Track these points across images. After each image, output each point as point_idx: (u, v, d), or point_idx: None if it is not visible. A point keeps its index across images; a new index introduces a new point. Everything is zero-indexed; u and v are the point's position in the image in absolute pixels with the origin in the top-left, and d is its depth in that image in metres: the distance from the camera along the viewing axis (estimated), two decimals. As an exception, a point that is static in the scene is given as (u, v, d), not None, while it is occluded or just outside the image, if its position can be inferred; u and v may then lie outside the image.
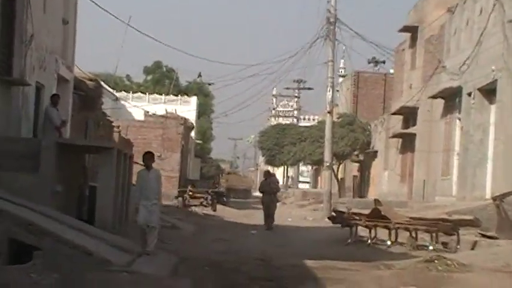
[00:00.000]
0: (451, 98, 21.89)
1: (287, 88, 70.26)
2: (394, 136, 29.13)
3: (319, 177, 63.41)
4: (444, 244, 15.30)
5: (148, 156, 11.94)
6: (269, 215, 21.33)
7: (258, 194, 31.82)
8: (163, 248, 13.12)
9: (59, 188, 12.59)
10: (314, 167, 60.26)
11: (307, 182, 70.41)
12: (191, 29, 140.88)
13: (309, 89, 68.15)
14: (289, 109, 74.73)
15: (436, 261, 11.16)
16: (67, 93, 19.73)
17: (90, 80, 23.77)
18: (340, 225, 16.36)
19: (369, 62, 50.27)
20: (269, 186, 21.47)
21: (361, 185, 43.30)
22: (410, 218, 15.34)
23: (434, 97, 22.91)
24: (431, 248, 14.61)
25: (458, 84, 20.51)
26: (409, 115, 27.95)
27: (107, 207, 12.47)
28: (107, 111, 34.31)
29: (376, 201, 15.37)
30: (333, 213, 16.59)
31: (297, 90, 70.78)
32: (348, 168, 46.11)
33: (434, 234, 14.65)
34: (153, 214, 11.61)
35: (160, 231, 16.26)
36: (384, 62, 49.67)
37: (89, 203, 14.50)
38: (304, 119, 72.04)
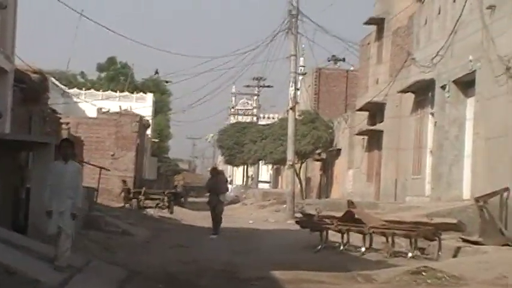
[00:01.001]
0: (422, 92, 20.60)
1: (247, 86, 68.77)
2: (360, 134, 27.82)
3: (279, 177, 62.01)
4: (421, 250, 13.92)
5: (65, 145, 9.49)
6: (215, 218, 19.35)
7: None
8: (109, 260, 11.46)
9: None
10: (275, 167, 58.85)
11: (268, 182, 68.95)
12: (146, 24, 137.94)
13: (269, 86, 66.83)
14: (249, 107, 73.17)
15: (424, 273, 9.73)
16: (5, 85, 17.86)
17: (35, 72, 21.90)
18: (308, 229, 14.86)
19: (329, 60, 49.01)
20: (216, 185, 19.40)
21: (324, 184, 41.98)
22: (387, 221, 13.92)
23: (403, 91, 21.60)
24: (410, 255, 13.21)
25: (430, 77, 19.20)
26: (375, 111, 26.65)
27: (41, 212, 10.73)
28: (57, 108, 32.33)
29: (349, 202, 13.93)
30: (301, 216, 15.05)
31: (256, 88, 69.26)
32: (309, 167, 44.77)
33: (413, 240, 13.24)
34: (66, 216, 9.08)
35: (107, 239, 14.60)
36: (343, 60, 48.57)
37: (27, 208, 12.73)
38: (264, 117, 70.49)
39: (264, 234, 20.73)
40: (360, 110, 27.62)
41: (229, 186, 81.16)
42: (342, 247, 14.32)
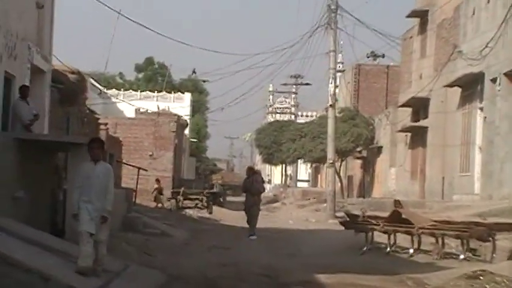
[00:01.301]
0: (470, 86, 19.79)
1: (284, 84, 68.09)
2: (403, 130, 27.02)
3: (318, 176, 61.34)
4: (473, 251, 13.21)
5: (95, 145, 8.69)
6: (252, 219, 18.57)
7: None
8: (147, 264, 11.00)
9: (21, 194, 10.47)
10: (314, 165, 58.18)
11: (306, 181, 68.30)
12: (183, 24, 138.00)
13: (307, 84, 66.04)
14: (287, 106, 72.58)
15: (481, 277, 9.06)
16: (43, 85, 17.58)
17: (72, 73, 21.66)
18: (353, 230, 14.23)
19: (368, 56, 48.21)
20: (252, 185, 18.62)
21: (365, 183, 41.21)
22: (436, 221, 13.23)
23: (450, 86, 20.80)
24: (462, 256, 12.51)
25: (479, 70, 18.39)
26: (419, 107, 25.86)
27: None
28: (95, 109, 32.21)
29: (396, 202, 13.27)
30: (345, 217, 14.43)
31: (294, 86, 68.60)
32: (349, 165, 44.04)
33: (465, 241, 12.53)
34: (99, 224, 8.49)
35: (146, 241, 14.18)
36: (383, 56, 47.67)
37: (64, 210, 12.36)
38: (302, 115, 69.84)
39: (305, 235, 20.14)
40: (403, 106, 26.84)
41: (267, 185, 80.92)
42: (388, 248, 13.67)
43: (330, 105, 30.10)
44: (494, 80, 17.40)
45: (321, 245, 15.66)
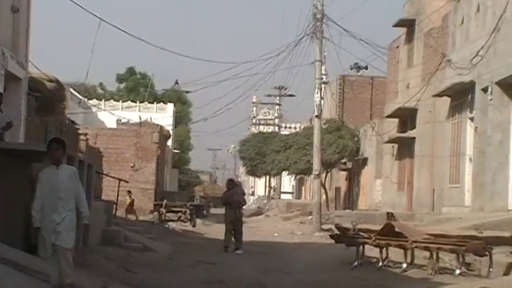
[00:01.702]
0: (459, 96, 19.35)
1: (268, 95, 67.51)
2: (390, 141, 26.56)
3: (303, 187, 60.80)
4: (467, 265, 12.68)
5: (55, 146, 7.60)
6: (235, 234, 17.86)
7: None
8: (128, 281, 10.37)
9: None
10: (298, 177, 57.64)
11: (290, 193, 67.71)
12: (164, 33, 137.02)
13: (291, 95, 65.54)
14: (270, 117, 72.03)
15: (483, 295, 8.52)
16: (19, 93, 16.97)
17: (51, 81, 21.01)
18: (343, 244, 13.67)
19: (351, 68, 47.93)
20: (233, 197, 17.88)
21: (351, 194, 40.70)
22: (430, 234, 12.69)
23: (438, 95, 20.36)
24: (458, 272, 11.97)
25: (469, 79, 17.95)
26: (406, 117, 25.43)
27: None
28: (76, 119, 31.49)
29: (389, 214, 12.75)
30: (335, 230, 13.87)
31: (278, 98, 68.09)
32: (334, 177, 43.52)
33: (461, 255, 12.00)
34: (63, 229, 7.45)
35: (127, 256, 13.53)
36: (366, 68, 47.43)
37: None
38: (285, 127, 69.34)
39: (292, 248, 19.55)
40: (389, 116, 26.38)
41: (251, 197, 79.90)
42: (380, 263, 13.11)
43: (316, 116, 29.62)
44: (485, 90, 16.97)
45: (310, 260, 15.09)
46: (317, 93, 29.47)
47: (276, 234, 27.78)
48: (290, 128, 67.26)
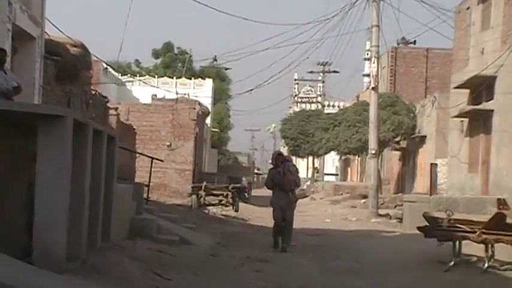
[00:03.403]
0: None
1: (311, 72, 64.20)
2: (460, 115, 23.26)
3: (348, 169, 57.62)
4: None
5: None
6: (287, 226, 13.52)
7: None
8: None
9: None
10: (343, 157, 54.44)
11: (335, 174, 64.56)
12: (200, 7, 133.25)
13: (335, 72, 62.24)
14: (313, 95, 68.71)
15: None
16: (32, 54, 14.21)
17: (74, 45, 18.23)
18: (436, 238, 10.62)
19: (398, 43, 44.41)
20: (284, 177, 13.33)
21: (404, 176, 37.46)
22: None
23: (530, 57, 17.07)
24: None
25: None
26: (479, 88, 22.10)
27: (52, 225, 6.82)
28: (109, 95, 28.82)
29: (500, 202, 9.66)
30: (426, 221, 10.82)
31: (321, 74, 64.69)
32: (385, 157, 40.29)
33: None
34: None
35: (159, 253, 10.66)
36: (414, 42, 44.02)
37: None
38: (329, 105, 66.05)
39: (353, 239, 16.52)
40: (460, 87, 23.06)
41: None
42: (486, 264, 10.06)
43: (372, 88, 26.52)
44: None
45: (384, 256, 12.06)
46: (374, 62, 26.36)
47: (328, 220, 24.91)
48: (334, 106, 64.03)
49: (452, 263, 10.36)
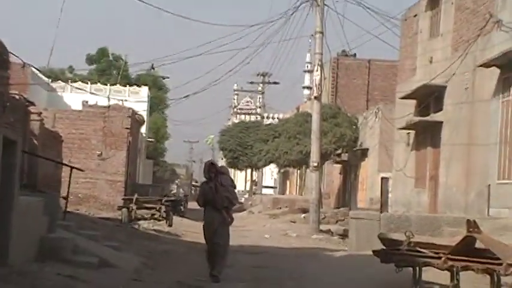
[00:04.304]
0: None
1: (250, 82, 63.14)
2: (407, 127, 22.20)
3: (287, 181, 56.47)
4: None
5: None
6: (219, 251, 11.13)
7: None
8: None
9: None
10: (282, 170, 53.25)
11: (273, 187, 63.37)
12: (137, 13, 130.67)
13: (275, 83, 61.33)
14: (252, 106, 67.55)
15: None
16: None
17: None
18: (393, 263, 9.23)
19: (338, 55, 43.58)
20: (217, 192, 11.04)
21: (345, 191, 36.41)
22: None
23: (486, 65, 16.02)
24: None
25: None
26: (426, 99, 21.09)
27: None
28: (37, 102, 26.77)
29: (470, 223, 8.35)
30: (382, 243, 9.45)
31: (261, 85, 63.61)
32: (326, 170, 39.16)
33: None
34: None
35: (70, 280, 8.97)
36: (355, 55, 43.28)
37: None
38: (268, 117, 64.94)
39: (297, 259, 15.08)
40: (406, 97, 22.02)
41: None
42: (451, 295, 8.72)
43: (315, 97, 25.31)
44: None
45: (337, 285, 10.60)
46: (317, 70, 25.14)
47: (267, 236, 23.50)
48: (273, 118, 62.94)
49: (412, 292, 8.98)
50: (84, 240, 12.38)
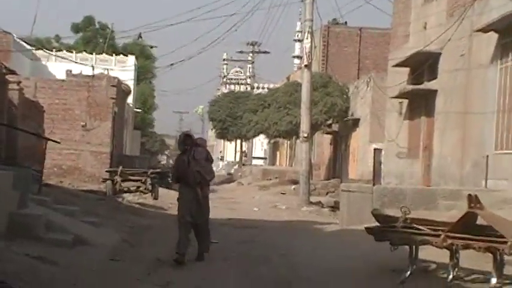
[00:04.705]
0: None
1: (240, 52, 62.11)
2: (399, 96, 21.49)
3: (277, 153, 55.83)
4: None
5: None
6: (197, 234, 10.42)
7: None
8: None
9: None
10: (272, 141, 52.59)
11: (263, 158, 62.74)
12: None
13: (265, 52, 60.34)
14: (242, 76, 66.60)
15: None
16: None
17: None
18: (388, 242, 8.58)
19: (329, 24, 42.72)
20: (189, 167, 10.15)
21: (337, 162, 35.78)
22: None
23: (485, 30, 15.26)
24: None
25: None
26: (420, 66, 20.35)
27: None
28: (20, 71, 25.85)
29: (471, 198, 7.69)
30: (376, 220, 8.79)
31: (251, 55, 62.59)
32: (316, 141, 38.51)
33: None
34: None
35: (37, 261, 8.25)
36: (345, 23, 42.38)
37: None
38: (258, 87, 64.09)
39: (289, 236, 14.35)
40: (399, 65, 21.27)
41: (220, 163, 74.77)
42: (451, 274, 8.09)
43: (305, 66, 24.51)
44: None
45: (327, 263, 9.91)
46: (307, 38, 24.29)
47: (256, 209, 22.93)
48: (264, 88, 62.09)
49: (409, 272, 8.35)
50: (59, 216, 11.69)
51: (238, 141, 52.10)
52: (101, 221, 13.16)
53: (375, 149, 17.68)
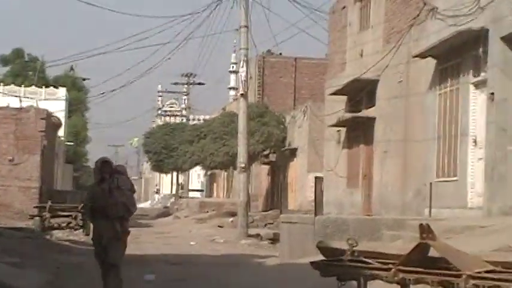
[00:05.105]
0: (455, 54, 14.10)
1: (175, 83, 61.34)
2: (338, 125, 21.17)
3: (214, 184, 55.07)
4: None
5: None
6: (109, 272, 8.86)
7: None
8: None
9: None
10: (209, 173, 51.87)
11: (200, 190, 61.81)
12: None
13: (200, 84, 59.77)
14: (177, 108, 65.77)
15: None
16: None
17: None
18: (335, 277, 7.98)
19: (264, 54, 42.57)
20: (107, 198, 8.71)
21: (275, 192, 35.26)
22: (491, 262, 7.22)
23: (422, 56, 15.04)
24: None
25: (480, 26, 12.69)
26: (359, 94, 20.10)
27: None
28: None
29: (423, 228, 7.14)
30: (321, 253, 8.14)
31: (185, 86, 61.91)
32: (254, 172, 37.97)
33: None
34: None
35: None
36: (280, 54, 42.33)
37: None
38: (193, 119, 63.38)
39: (227, 272, 13.62)
40: (336, 93, 20.98)
41: (156, 196, 73.12)
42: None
43: (242, 95, 24.03)
44: (509, 39, 11.72)
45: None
46: (242, 66, 23.87)
47: (193, 243, 22.14)
48: (199, 120, 61.43)
49: (357, 309, 7.74)
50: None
51: (175, 173, 51.19)
52: (24, 261, 12.20)
53: (316, 177, 17.17)
